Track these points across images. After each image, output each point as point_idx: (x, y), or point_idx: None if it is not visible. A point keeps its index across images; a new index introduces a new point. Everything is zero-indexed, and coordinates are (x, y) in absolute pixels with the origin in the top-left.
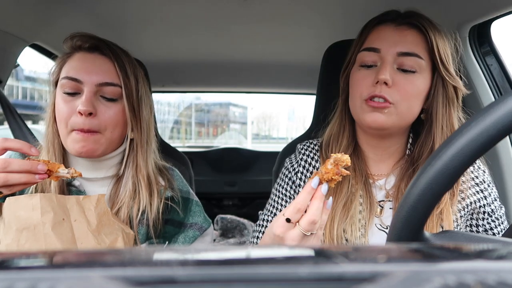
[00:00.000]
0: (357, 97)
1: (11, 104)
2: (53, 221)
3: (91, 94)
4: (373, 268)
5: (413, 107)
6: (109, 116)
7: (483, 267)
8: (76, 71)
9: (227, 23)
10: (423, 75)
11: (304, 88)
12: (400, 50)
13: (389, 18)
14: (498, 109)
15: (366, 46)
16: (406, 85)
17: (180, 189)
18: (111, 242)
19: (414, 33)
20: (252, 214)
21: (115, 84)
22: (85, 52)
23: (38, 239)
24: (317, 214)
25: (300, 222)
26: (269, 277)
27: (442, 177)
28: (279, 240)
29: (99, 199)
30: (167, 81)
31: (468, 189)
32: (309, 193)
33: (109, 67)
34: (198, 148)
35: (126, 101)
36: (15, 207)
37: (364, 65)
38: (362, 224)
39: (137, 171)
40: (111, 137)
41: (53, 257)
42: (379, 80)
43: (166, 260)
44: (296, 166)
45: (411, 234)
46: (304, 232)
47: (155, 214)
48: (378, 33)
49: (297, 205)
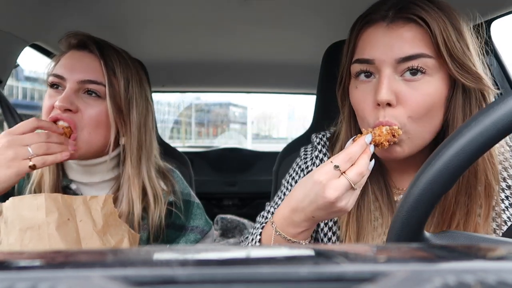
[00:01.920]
0: (364, 122)
1: (11, 104)
2: (58, 221)
3: (71, 91)
4: (373, 268)
5: (432, 121)
6: (89, 115)
7: (483, 267)
8: (62, 68)
9: (227, 23)
10: (435, 77)
11: (304, 88)
12: (399, 55)
13: (378, 16)
14: (498, 109)
15: (357, 57)
16: (417, 97)
17: (181, 191)
18: (116, 243)
19: (412, 29)
20: (252, 214)
21: (98, 82)
22: (74, 50)
23: (42, 239)
24: (366, 168)
25: (347, 172)
26: (269, 277)
27: (442, 177)
28: (318, 188)
29: (106, 199)
30: (167, 81)
31: (501, 203)
32: (362, 147)
33: (95, 66)
34: (198, 148)
35: (109, 101)
36: (19, 206)
37: (361, 80)
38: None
39: (132, 177)
40: (90, 138)
41: (53, 257)
42: (379, 102)
43: (166, 260)
44: (309, 160)
45: (411, 234)
46: (352, 184)
47: (157, 219)
48: (367, 39)
49: (349, 154)
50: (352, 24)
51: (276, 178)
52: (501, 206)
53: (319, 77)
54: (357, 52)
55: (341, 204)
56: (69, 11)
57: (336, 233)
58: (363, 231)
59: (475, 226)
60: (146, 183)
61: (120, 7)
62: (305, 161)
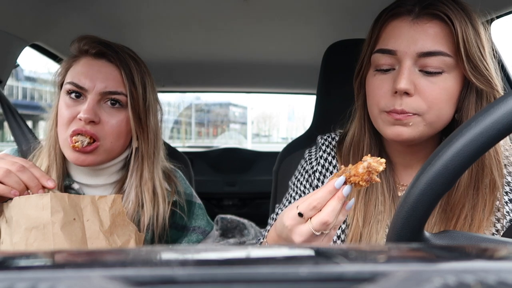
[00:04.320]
0: (375, 107)
1: (11, 104)
2: (63, 221)
3: (94, 102)
4: (373, 268)
5: (443, 114)
6: (111, 125)
7: (483, 267)
8: (81, 77)
9: (227, 23)
10: (452, 74)
11: (304, 88)
12: (421, 50)
13: (404, 10)
14: (498, 109)
15: (380, 47)
16: (432, 90)
17: (184, 192)
18: (123, 243)
19: (437, 26)
20: (252, 214)
21: (119, 92)
22: (91, 58)
23: (47, 238)
24: (332, 215)
25: (312, 220)
26: (269, 277)
27: (442, 177)
28: (287, 231)
29: (115, 199)
30: (167, 81)
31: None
32: (330, 193)
33: (115, 75)
34: (198, 148)
35: (131, 111)
36: (25, 206)
37: (380, 69)
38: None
39: (141, 183)
40: (111, 147)
41: (54, 257)
42: (398, 90)
43: (166, 260)
44: (314, 161)
45: (411, 234)
46: (314, 232)
47: (161, 220)
48: (392, 31)
49: (313, 202)
50: (376, 16)
51: (276, 178)
52: (502, 201)
53: (319, 77)
54: (380, 42)
55: (317, 243)
56: (69, 11)
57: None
58: (369, 215)
59: (480, 220)
60: (157, 184)
61: (120, 7)
62: (310, 162)
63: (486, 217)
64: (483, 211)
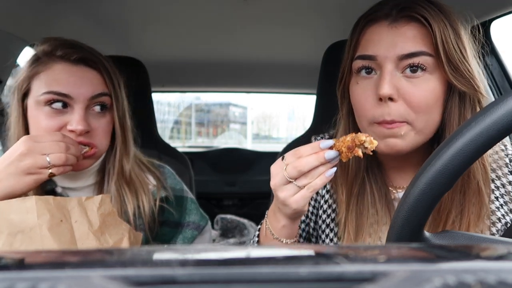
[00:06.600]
0: (363, 119)
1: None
2: (50, 223)
3: (83, 111)
4: (373, 268)
5: (432, 118)
6: (102, 129)
7: (483, 267)
8: (63, 85)
9: (228, 23)
10: (434, 76)
11: (304, 88)
12: (401, 52)
13: (382, 14)
14: (498, 109)
15: (359, 53)
16: (416, 92)
17: (172, 187)
18: (115, 243)
19: (415, 28)
20: (252, 214)
21: (106, 93)
22: (70, 64)
23: (34, 241)
24: (306, 166)
25: (287, 166)
26: (269, 277)
27: (442, 177)
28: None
29: (103, 199)
30: (167, 81)
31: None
32: (313, 148)
33: (98, 79)
34: (198, 148)
35: (116, 112)
36: (5, 210)
37: (362, 75)
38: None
39: (118, 177)
40: (104, 149)
41: (53, 257)
42: (381, 96)
43: (166, 260)
44: None
45: (411, 234)
46: (287, 177)
47: (150, 217)
48: (371, 36)
49: (297, 151)
50: (355, 23)
51: None
52: (494, 205)
53: (319, 77)
54: (360, 49)
55: (281, 194)
56: (69, 11)
57: (334, 230)
58: (362, 227)
59: (468, 224)
60: (133, 176)
61: (120, 7)
62: None
63: (474, 223)
64: (471, 217)
